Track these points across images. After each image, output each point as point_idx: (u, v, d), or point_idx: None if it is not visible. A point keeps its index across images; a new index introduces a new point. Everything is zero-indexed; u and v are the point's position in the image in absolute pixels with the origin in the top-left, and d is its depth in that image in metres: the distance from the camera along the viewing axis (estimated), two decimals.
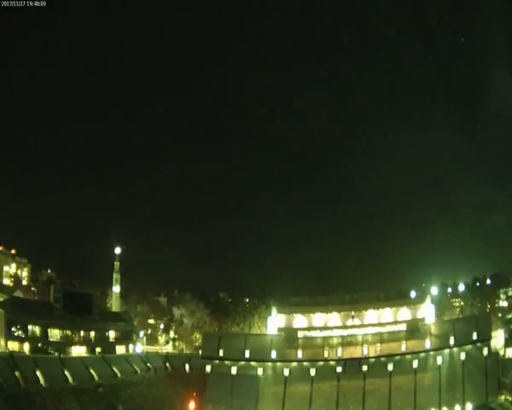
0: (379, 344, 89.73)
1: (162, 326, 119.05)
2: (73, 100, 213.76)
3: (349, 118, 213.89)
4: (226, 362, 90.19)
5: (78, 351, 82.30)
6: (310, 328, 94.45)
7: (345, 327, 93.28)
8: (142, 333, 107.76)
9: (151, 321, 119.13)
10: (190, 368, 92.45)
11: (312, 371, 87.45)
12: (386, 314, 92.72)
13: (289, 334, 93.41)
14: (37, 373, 68.02)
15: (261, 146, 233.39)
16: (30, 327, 77.01)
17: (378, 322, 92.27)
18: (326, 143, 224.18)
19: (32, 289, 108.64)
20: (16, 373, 65.01)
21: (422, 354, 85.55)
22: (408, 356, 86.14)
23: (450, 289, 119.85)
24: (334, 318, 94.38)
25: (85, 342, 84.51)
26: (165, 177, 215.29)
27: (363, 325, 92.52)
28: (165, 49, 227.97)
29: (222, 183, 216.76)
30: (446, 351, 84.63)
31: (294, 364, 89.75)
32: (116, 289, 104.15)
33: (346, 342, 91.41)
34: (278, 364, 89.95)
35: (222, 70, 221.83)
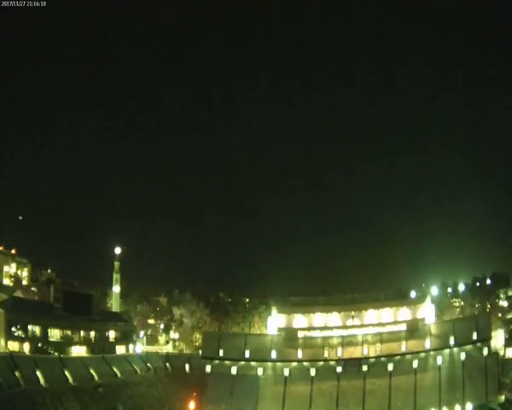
0: (379, 344, 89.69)
1: (162, 326, 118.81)
2: (72, 100, 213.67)
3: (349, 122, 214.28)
4: (226, 362, 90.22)
5: (78, 351, 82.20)
6: (310, 328, 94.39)
7: (345, 327, 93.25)
8: (142, 333, 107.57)
9: (151, 321, 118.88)
10: (190, 368, 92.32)
11: (312, 371, 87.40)
12: (386, 314, 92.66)
13: (289, 334, 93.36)
14: (37, 373, 68.01)
15: (261, 146, 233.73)
16: (30, 327, 76.92)
17: (378, 322, 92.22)
18: (326, 145, 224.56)
19: (32, 289, 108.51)
20: (16, 373, 65.00)
21: (422, 354, 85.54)
22: (408, 356, 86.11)
23: (450, 289, 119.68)
24: (334, 318, 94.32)
25: (85, 342, 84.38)
26: (166, 177, 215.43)
27: (363, 325, 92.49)
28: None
29: (222, 183, 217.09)
30: (446, 351, 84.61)
31: (294, 364, 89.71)
32: (116, 289, 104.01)
33: (346, 342, 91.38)
34: (278, 364, 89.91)
35: None
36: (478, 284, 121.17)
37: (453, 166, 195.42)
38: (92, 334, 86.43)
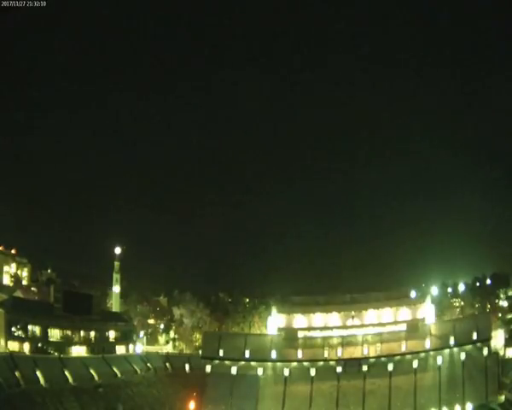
0: (379, 344, 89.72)
1: (162, 326, 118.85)
2: (73, 101, 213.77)
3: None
4: (226, 362, 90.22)
5: (78, 351, 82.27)
6: (310, 328, 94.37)
7: (345, 327, 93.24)
8: (142, 333, 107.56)
9: (151, 321, 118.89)
10: (190, 368, 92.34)
11: (312, 371, 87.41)
12: (386, 314, 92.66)
13: (289, 334, 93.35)
14: (37, 373, 68.06)
15: (260, 146, 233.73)
16: (30, 327, 77.05)
17: (378, 322, 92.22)
18: (326, 144, 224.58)
19: (32, 289, 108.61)
20: (16, 373, 65.03)
21: (422, 354, 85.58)
22: (408, 356, 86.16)
23: (450, 289, 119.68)
24: (334, 318, 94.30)
25: (85, 342, 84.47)
26: (166, 177, 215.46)
27: (363, 325, 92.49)
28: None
29: (222, 183, 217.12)
30: (446, 351, 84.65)
31: (294, 364, 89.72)
32: (116, 289, 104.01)
33: (346, 342, 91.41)
34: (278, 364, 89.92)
35: None
36: (478, 284, 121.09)
37: (453, 166, 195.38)
38: (92, 334, 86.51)
